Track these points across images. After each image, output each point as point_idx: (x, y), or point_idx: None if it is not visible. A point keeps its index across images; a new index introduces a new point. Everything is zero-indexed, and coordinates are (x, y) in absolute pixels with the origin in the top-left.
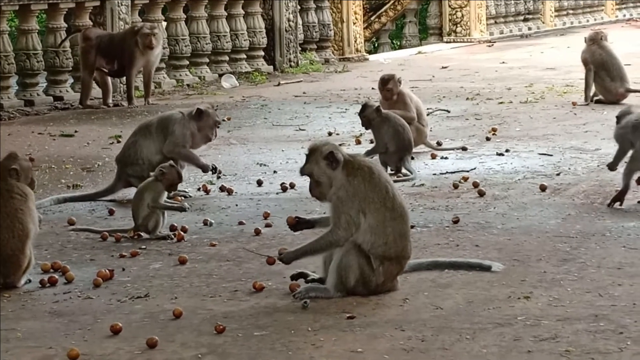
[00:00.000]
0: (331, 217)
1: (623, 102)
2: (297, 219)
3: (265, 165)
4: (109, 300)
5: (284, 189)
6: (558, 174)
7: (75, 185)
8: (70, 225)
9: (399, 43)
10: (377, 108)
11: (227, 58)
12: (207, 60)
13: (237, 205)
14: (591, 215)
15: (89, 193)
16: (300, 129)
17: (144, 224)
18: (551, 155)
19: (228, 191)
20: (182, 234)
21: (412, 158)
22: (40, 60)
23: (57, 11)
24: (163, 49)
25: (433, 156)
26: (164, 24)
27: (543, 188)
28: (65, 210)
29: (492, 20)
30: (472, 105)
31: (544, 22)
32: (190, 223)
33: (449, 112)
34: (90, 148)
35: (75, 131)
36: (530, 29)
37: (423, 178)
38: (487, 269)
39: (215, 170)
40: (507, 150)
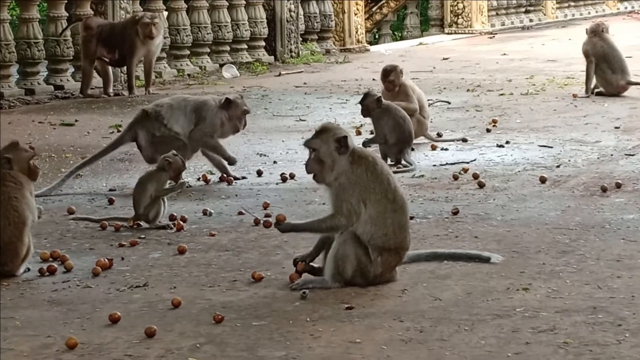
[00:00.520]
0: (332, 202)
1: (624, 94)
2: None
3: (265, 155)
4: (107, 290)
5: (284, 179)
6: (558, 166)
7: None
8: (70, 214)
9: (400, 34)
10: (377, 98)
11: (228, 48)
12: (208, 50)
13: (236, 195)
14: (591, 208)
15: (98, 152)
16: (301, 120)
17: (145, 213)
18: (551, 147)
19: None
20: (182, 223)
21: (413, 149)
22: (41, 49)
23: (58, 0)
24: (164, 39)
25: (433, 147)
26: (165, 13)
27: (543, 180)
28: (65, 199)
29: (494, 12)
30: (472, 97)
31: (545, 14)
32: (189, 213)
33: (449, 103)
34: (91, 137)
35: (76, 120)
36: (531, 20)
37: (423, 169)
38: (486, 260)
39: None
40: (507, 142)
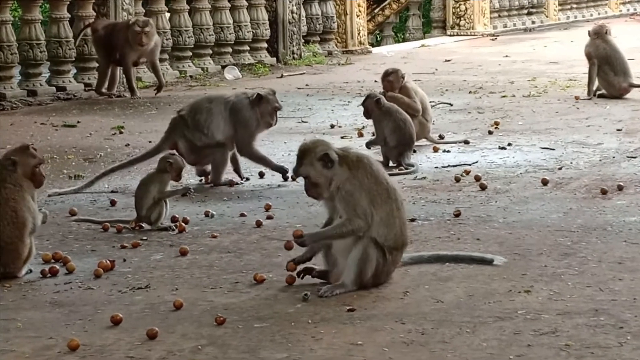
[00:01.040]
0: (343, 209)
1: (626, 96)
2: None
3: None
4: (109, 291)
5: (285, 179)
6: (560, 168)
7: (77, 175)
8: (72, 216)
9: (402, 36)
10: (377, 100)
11: (230, 50)
12: (210, 51)
13: (238, 197)
14: (592, 210)
15: (134, 158)
16: (303, 121)
17: (147, 215)
18: (553, 149)
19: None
20: (184, 225)
21: (415, 151)
22: (43, 50)
23: (61, 1)
24: (166, 40)
25: (435, 149)
26: (167, 14)
27: (545, 182)
28: (67, 200)
29: (496, 14)
30: (474, 99)
31: (547, 16)
32: (191, 214)
33: (451, 105)
34: (93, 139)
35: (78, 122)
36: (533, 22)
37: (425, 171)
38: (489, 262)
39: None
40: (509, 144)
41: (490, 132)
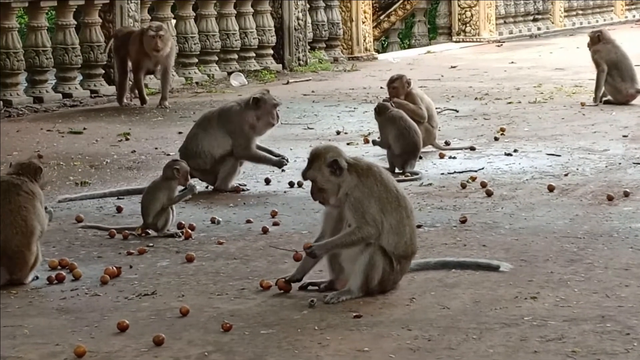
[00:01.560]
0: (354, 218)
1: (632, 103)
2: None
3: None
4: (116, 298)
5: (291, 185)
6: (566, 175)
7: (84, 182)
8: (78, 223)
9: (408, 42)
10: (379, 107)
11: (236, 56)
12: (216, 58)
13: (244, 203)
14: (599, 216)
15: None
16: (309, 128)
17: (154, 222)
18: (559, 155)
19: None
20: (190, 231)
21: (421, 157)
22: (50, 57)
23: (67, 8)
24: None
25: (441, 156)
26: (173, 21)
27: (551, 188)
28: (74, 207)
29: (502, 20)
30: (480, 105)
31: (553, 23)
32: (197, 221)
33: (457, 111)
34: (99, 145)
35: (84, 128)
36: (539, 29)
37: (431, 177)
38: (495, 268)
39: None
40: (515, 151)
41: (496, 139)
